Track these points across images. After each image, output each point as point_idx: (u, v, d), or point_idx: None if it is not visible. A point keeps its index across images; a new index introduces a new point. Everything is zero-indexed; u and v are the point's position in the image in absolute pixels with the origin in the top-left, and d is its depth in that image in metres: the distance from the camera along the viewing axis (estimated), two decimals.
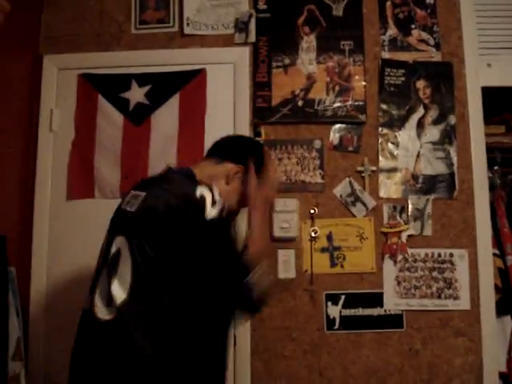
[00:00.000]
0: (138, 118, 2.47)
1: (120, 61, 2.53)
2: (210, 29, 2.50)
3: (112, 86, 2.51)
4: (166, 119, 2.46)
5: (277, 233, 2.32)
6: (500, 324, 2.41)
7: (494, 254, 2.39)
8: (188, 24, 2.50)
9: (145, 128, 2.47)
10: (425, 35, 2.46)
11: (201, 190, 1.52)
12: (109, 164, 2.46)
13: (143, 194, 1.57)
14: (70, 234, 2.44)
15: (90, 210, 2.46)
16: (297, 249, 2.35)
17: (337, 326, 2.31)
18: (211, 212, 1.49)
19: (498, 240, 2.46)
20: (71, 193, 2.47)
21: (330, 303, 2.32)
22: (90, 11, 2.59)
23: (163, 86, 2.48)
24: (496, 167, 2.60)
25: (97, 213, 2.44)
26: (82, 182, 2.47)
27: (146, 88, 2.49)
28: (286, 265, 2.34)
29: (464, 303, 2.30)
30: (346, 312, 2.32)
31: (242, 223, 1.85)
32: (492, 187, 2.51)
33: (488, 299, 2.31)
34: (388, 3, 2.48)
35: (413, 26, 2.47)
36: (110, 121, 2.48)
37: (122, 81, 2.50)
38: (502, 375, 2.35)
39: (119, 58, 2.53)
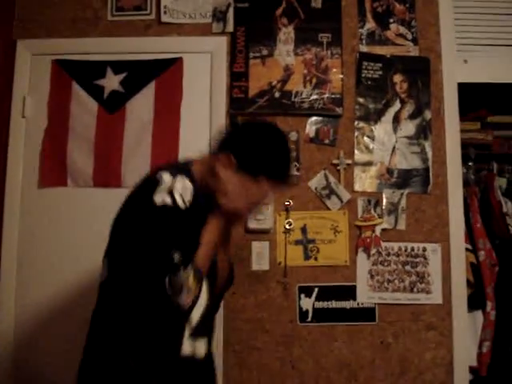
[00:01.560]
0: (113, 105, 2.44)
1: (95, 47, 2.49)
2: (188, 17, 2.47)
3: (87, 73, 2.46)
4: (142, 107, 2.43)
5: (251, 224, 2.30)
6: (471, 318, 2.43)
7: (467, 249, 2.42)
8: (165, 12, 2.46)
9: (119, 116, 2.43)
10: (403, 30, 2.46)
11: (164, 175, 1.46)
12: (82, 152, 2.42)
13: None
14: (41, 222, 2.41)
15: (62, 198, 2.42)
16: (271, 241, 2.35)
17: (309, 319, 2.31)
18: (163, 198, 1.41)
19: (470, 235, 2.48)
20: (43, 180, 2.43)
21: (303, 295, 2.32)
22: None
23: (139, 73, 2.45)
24: (470, 163, 2.62)
25: (69, 201, 2.43)
26: (54, 170, 2.43)
27: (122, 76, 2.45)
28: (260, 257, 2.33)
29: (436, 297, 2.32)
30: (319, 304, 2.32)
31: None
32: (466, 183, 2.53)
33: (460, 294, 2.33)
34: None
35: (391, 20, 2.47)
36: (84, 108, 2.44)
37: (97, 68, 2.46)
38: (472, 369, 2.38)
39: (95, 44, 2.49)
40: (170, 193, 1.43)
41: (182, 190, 1.45)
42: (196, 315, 1.49)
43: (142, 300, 1.41)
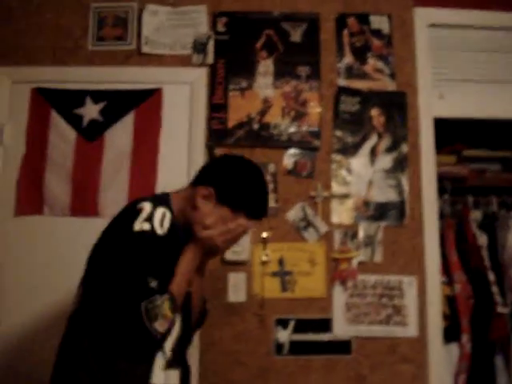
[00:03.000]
0: (92, 134, 2.43)
1: (75, 76, 2.49)
2: (168, 48, 2.49)
3: (66, 102, 2.46)
4: (120, 137, 2.43)
5: (228, 256, 2.30)
6: (447, 351, 2.43)
7: (443, 282, 2.43)
8: (146, 43, 2.48)
9: (98, 145, 2.43)
10: (380, 64, 2.51)
11: (144, 204, 1.48)
12: (60, 180, 2.41)
13: None
14: (16, 250, 2.38)
15: (38, 226, 2.40)
16: (248, 272, 2.34)
17: (286, 351, 2.30)
18: (142, 225, 1.43)
19: (446, 268, 2.50)
20: (19, 208, 2.40)
21: (279, 328, 2.31)
22: (46, 24, 2.54)
23: (118, 103, 2.45)
24: (446, 196, 2.65)
25: (45, 230, 2.40)
26: (30, 198, 2.41)
27: (101, 105, 2.45)
28: (237, 288, 2.32)
29: (412, 330, 2.32)
30: (296, 337, 2.31)
31: None
32: (442, 216, 2.55)
33: (436, 326, 2.34)
34: (345, 32, 2.52)
35: (369, 55, 2.51)
36: (63, 137, 2.44)
37: (77, 97, 2.46)
38: None
39: (74, 73, 2.49)
40: (149, 220, 1.45)
41: (161, 218, 1.47)
42: (169, 345, 1.49)
43: (116, 326, 1.39)
